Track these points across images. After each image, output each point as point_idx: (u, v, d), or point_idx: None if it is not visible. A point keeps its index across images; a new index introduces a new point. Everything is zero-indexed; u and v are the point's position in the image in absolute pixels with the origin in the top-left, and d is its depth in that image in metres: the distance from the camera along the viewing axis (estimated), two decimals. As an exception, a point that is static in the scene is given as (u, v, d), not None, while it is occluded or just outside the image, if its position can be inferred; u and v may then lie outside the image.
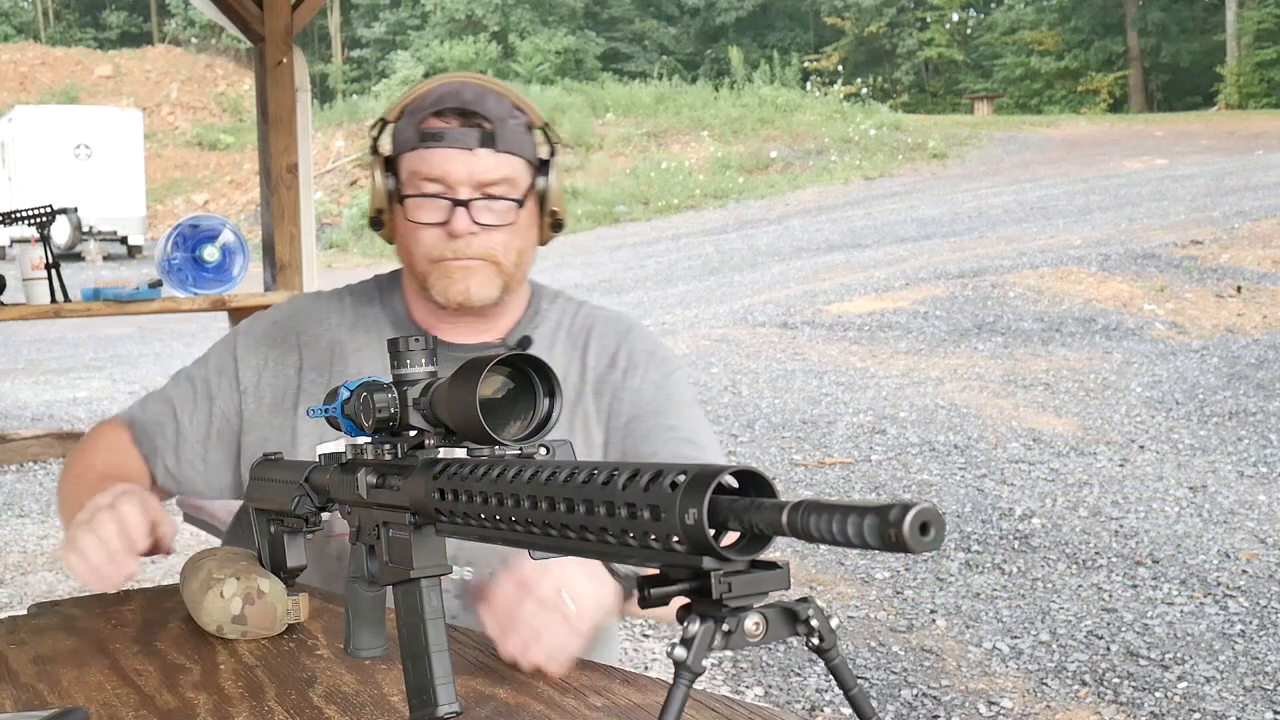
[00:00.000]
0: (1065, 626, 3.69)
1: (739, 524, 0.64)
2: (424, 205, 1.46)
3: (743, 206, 20.02)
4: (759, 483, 0.65)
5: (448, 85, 1.48)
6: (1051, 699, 3.19)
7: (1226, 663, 3.39)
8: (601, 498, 0.70)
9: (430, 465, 0.93)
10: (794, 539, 0.62)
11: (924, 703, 3.19)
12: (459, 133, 1.44)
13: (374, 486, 1.04)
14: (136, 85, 32.39)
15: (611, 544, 0.71)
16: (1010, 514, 4.81)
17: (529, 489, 0.76)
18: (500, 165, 1.45)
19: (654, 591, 0.69)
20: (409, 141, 1.46)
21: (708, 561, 0.65)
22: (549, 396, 0.89)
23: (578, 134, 24.82)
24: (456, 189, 1.44)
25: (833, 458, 5.74)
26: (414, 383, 0.98)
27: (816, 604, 0.69)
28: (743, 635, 0.66)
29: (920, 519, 0.56)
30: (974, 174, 20.11)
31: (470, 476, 0.84)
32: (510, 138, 1.46)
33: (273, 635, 1.28)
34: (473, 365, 0.88)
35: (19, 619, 1.40)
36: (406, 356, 0.99)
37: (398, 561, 1.02)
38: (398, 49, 38.35)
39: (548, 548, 0.78)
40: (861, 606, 3.86)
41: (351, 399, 1.04)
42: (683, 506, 0.64)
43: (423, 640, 1.00)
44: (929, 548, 0.56)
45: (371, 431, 1.02)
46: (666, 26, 40.71)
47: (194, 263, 4.90)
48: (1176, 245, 10.35)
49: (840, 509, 0.58)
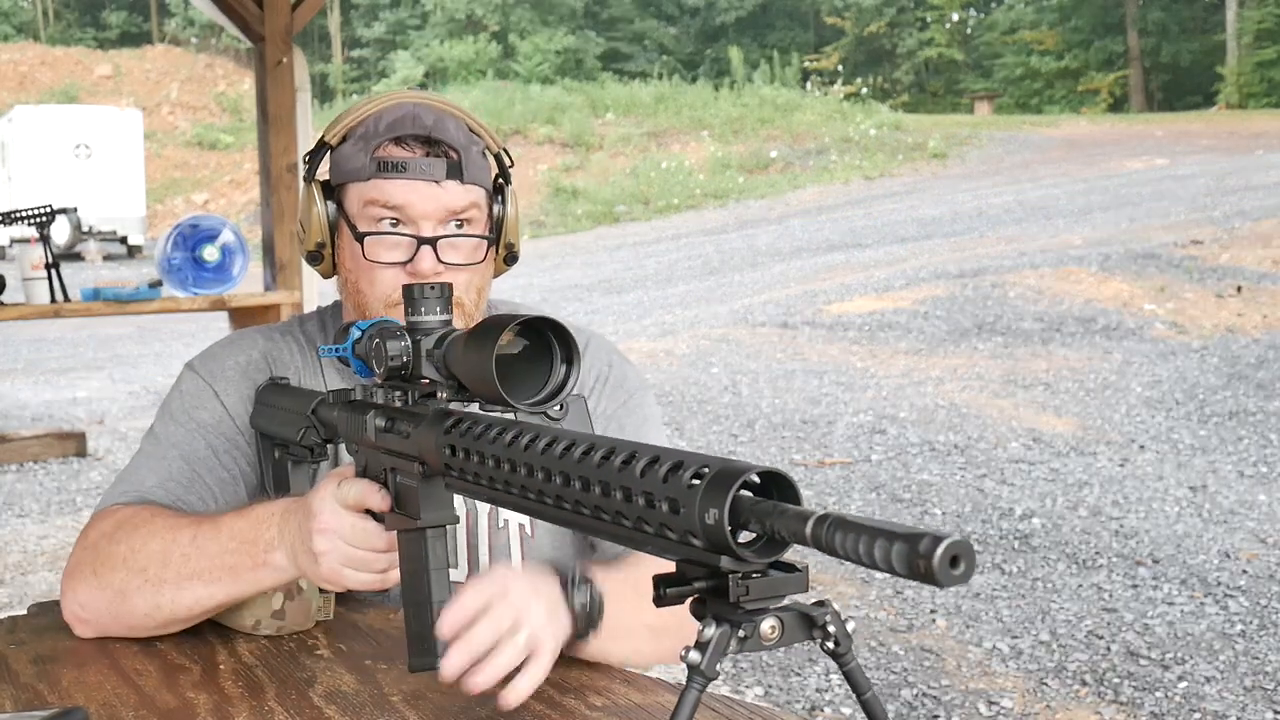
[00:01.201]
0: (1065, 626, 3.68)
1: (760, 527, 0.62)
2: (384, 242, 1.33)
3: (743, 206, 20.00)
4: (782, 484, 0.63)
5: (402, 108, 1.34)
6: (1051, 699, 3.19)
7: (1226, 663, 3.39)
8: (619, 482, 0.68)
9: (442, 418, 0.90)
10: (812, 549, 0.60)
11: (924, 703, 3.18)
12: (424, 163, 1.31)
13: (382, 430, 1.02)
14: (136, 85, 32.36)
15: (626, 528, 0.68)
16: (1010, 514, 4.81)
17: (544, 460, 0.74)
18: (468, 196, 1.34)
19: (670, 591, 0.67)
20: (362, 170, 1.33)
21: (726, 562, 0.63)
22: (566, 363, 0.87)
23: (578, 134, 24.81)
24: (419, 224, 1.32)
25: (833, 458, 5.74)
26: (428, 332, 0.96)
27: (833, 608, 0.67)
28: (758, 639, 0.64)
29: (951, 552, 0.54)
30: (974, 174, 20.10)
31: (483, 437, 0.82)
32: (474, 167, 1.34)
33: (298, 631, 1.28)
34: (491, 325, 0.85)
35: (19, 619, 1.40)
36: (421, 303, 0.96)
37: (405, 510, 1.01)
38: (398, 49, 38.33)
39: (560, 521, 0.76)
40: (862, 606, 3.86)
41: (363, 340, 1.01)
42: (703, 505, 0.62)
43: (425, 589, 1.00)
44: (957, 582, 0.54)
45: (383, 379, 1.00)
46: (666, 26, 40.68)
47: (194, 263, 4.90)
48: (1176, 245, 10.35)
49: (869, 530, 0.56)
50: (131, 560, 1.24)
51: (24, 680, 1.19)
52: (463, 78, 33.87)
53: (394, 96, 1.38)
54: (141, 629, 1.26)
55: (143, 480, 1.36)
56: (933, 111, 33.87)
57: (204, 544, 1.21)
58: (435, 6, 38.37)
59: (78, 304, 4.82)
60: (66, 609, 1.30)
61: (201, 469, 1.36)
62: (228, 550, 1.19)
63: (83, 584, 1.28)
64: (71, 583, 1.30)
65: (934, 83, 39.34)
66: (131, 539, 1.25)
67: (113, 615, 1.26)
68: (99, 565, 1.27)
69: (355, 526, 1.08)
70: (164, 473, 1.36)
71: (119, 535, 1.27)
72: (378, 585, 1.11)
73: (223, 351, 1.45)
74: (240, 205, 24.07)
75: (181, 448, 1.38)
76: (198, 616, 1.25)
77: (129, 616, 1.25)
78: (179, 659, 1.22)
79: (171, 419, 1.41)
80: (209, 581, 1.20)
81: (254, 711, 1.08)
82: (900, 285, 9.74)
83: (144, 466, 1.38)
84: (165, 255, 4.91)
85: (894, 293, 9.51)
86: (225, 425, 1.39)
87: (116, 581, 1.25)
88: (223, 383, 1.41)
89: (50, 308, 4.74)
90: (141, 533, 1.25)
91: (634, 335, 8.72)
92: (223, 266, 4.93)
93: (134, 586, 1.23)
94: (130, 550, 1.25)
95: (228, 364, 1.42)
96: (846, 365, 7.66)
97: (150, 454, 1.39)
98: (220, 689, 1.14)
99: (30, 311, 4.78)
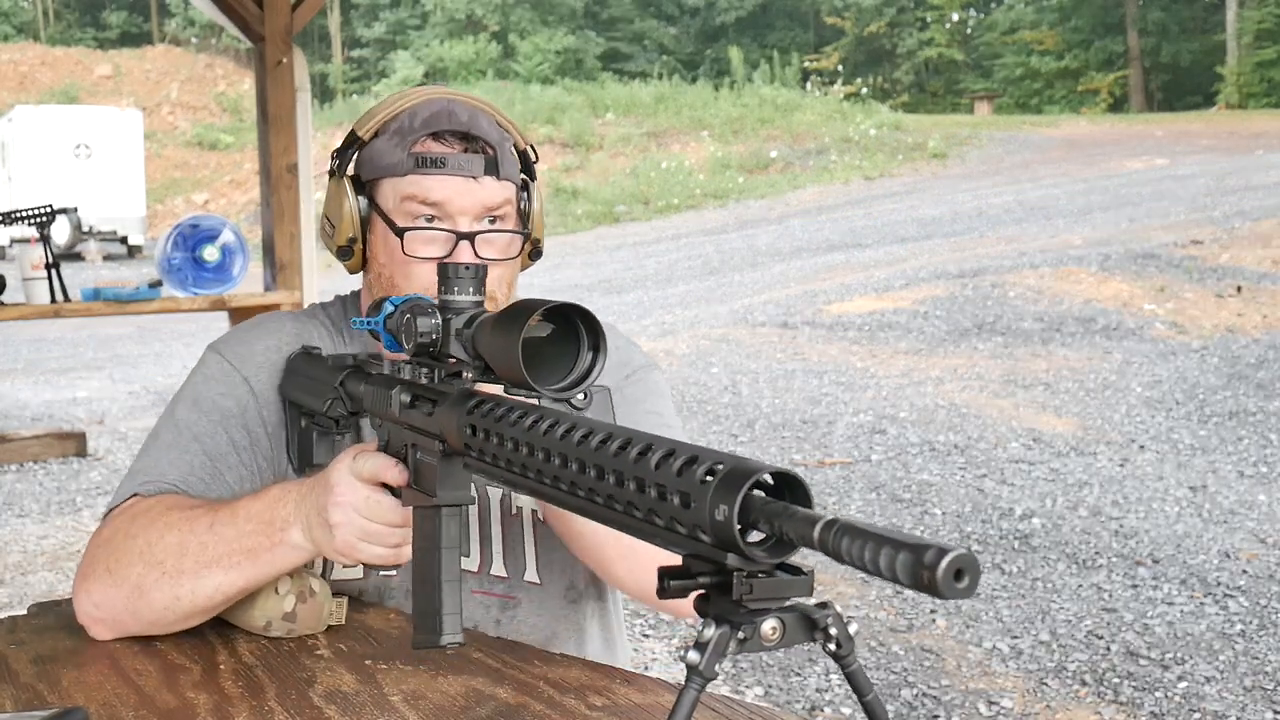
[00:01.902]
0: (1065, 626, 3.68)
1: (768, 528, 0.62)
2: (421, 237, 1.32)
3: (743, 206, 20.00)
4: (795, 486, 0.63)
5: (436, 103, 1.34)
6: (1051, 699, 3.19)
7: (1226, 663, 3.39)
8: (632, 473, 0.68)
9: (465, 398, 0.91)
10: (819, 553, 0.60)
11: (924, 703, 3.18)
12: (463, 159, 1.31)
13: (407, 406, 1.03)
14: (136, 85, 32.37)
15: (637, 519, 0.69)
16: (1010, 514, 4.81)
17: (561, 446, 0.75)
18: (504, 192, 1.34)
19: (674, 584, 0.67)
20: (398, 165, 1.32)
21: (732, 559, 0.63)
22: (593, 350, 0.87)
23: (578, 134, 24.81)
24: (457, 220, 1.32)
25: (833, 458, 5.74)
26: (460, 311, 0.96)
27: (835, 610, 0.67)
28: (759, 640, 0.64)
29: (956, 565, 0.53)
30: (974, 174, 20.10)
31: (504, 420, 0.83)
32: (508, 163, 1.35)
33: (301, 636, 1.27)
34: (520, 308, 0.86)
35: (19, 619, 1.39)
36: (455, 283, 0.96)
37: (422, 486, 1.02)
38: (398, 49, 38.33)
39: (573, 508, 0.77)
40: (861, 606, 3.86)
41: (395, 315, 1.02)
42: (714, 502, 0.62)
43: (436, 568, 1.00)
44: (961, 595, 0.54)
45: (411, 354, 1.00)
46: (666, 26, 40.68)
47: (194, 263, 4.90)
48: (1176, 245, 10.35)
49: (875, 538, 0.56)
50: (149, 553, 1.23)
51: (24, 680, 1.19)
52: (463, 78, 33.87)
53: (426, 92, 1.37)
54: (161, 624, 1.25)
55: (164, 473, 1.34)
56: (933, 111, 33.87)
57: (221, 530, 1.20)
58: (435, 6, 38.37)
59: (78, 304, 4.82)
60: (80, 610, 1.28)
61: (222, 465, 1.35)
62: (245, 533, 1.18)
63: (97, 583, 1.26)
64: (85, 583, 1.27)
65: (934, 83, 39.33)
66: (149, 532, 1.24)
67: (131, 612, 1.24)
68: (114, 562, 1.25)
69: (370, 500, 1.08)
70: (185, 466, 1.34)
71: (134, 530, 1.25)
72: (391, 560, 1.12)
73: (250, 335, 1.43)
74: (240, 205, 24.07)
75: (204, 441, 1.35)
76: (218, 606, 1.24)
77: (148, 611, 1.24)
78: (179, 659, 1.22)
79: (195, 405, 1.38)
80: (228, 567, 1.19)
81: (254, 711, 1.08)
82: (900, 285, 9.75)
83: (164, 457, 1.35)
84: (165, 255, 4.91)
85: (894, 293, 9.51)
86: (250, 415, 1.37)
87: (133, 576, 1.23)
88: (252, 367, 1.39)
89: (50, 308, 4.74)
90: (159, 525, 1.24)
91: (634, 335, 8.70)
92: (223, 266, 4.93)
93: (151, 580, 1.22)
94: (147, 544, 1.23)
95: (257, 348, 1.40)
96: (846, 365, 7.66)
97: (171, 443, 1.36)
98: (220, 689, 1.14)
99: (30, 311, 4.78)
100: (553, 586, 1.41)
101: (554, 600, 1.41)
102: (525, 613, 1.40)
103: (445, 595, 1.00)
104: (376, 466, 1.08)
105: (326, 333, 1.44)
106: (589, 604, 1.46)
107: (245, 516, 1.19)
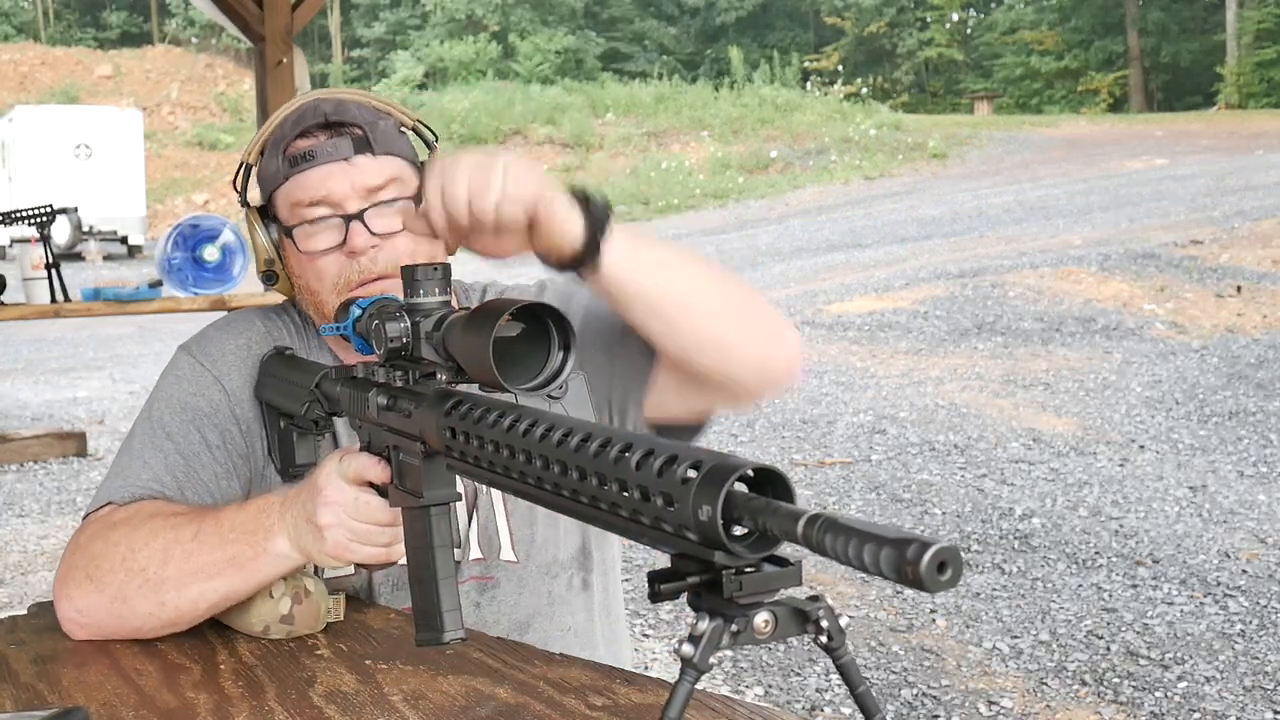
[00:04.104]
0: (1065, 626, 3.68)
1: (752, 524, 0.62)
2: (314, 232, 1.32)
3: (743, 206, 20.01)
4: (777, 482, 0.64)
5: (304, 105, 1.36)
6: (1051, 699, 3.19)
7: (1226, 663, 3.39)
8: (614, 474, 0.68)
9: (442, 399, 0.91)
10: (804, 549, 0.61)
11: (924, 703, 3.18)
12: (329, 145, 1.31)
13: (384, 408, 1.03)
14: (136, 85, 32.38)
15: (622, 519, 0.69)
16: (1010, 514, 4.81)
17: (541, 448, 0.75)
18: (383, 168, 1.33)
19: (664, 587, 0.67)
20: (278, 175, 1.34)
21: (720, 557, 0.64)
22: (563, 349, 0.88)
23: (578, 134, 24.83)
24: (343, 204, 1.31)
25: (833, 458, 5.74)
26: (428, 314, 0.96)
27: (827, 603, 0.67)
28: (751, 633, 0.65)
29: (939, 558, 0.54)
30: (974, 174, 20.11)
31: (482, 422, 0.83)
32: (384, 139, 1.34)
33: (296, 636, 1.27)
34: (489, 310, 0.86)
35: (19, 619, 1.39)
36: (421, 285, 0.96)
37: (408, 487, 1.02)
38: (398, 49, 38.35)
39: (557, 508, 0.77)
40: (861, 606, 3.86)
41: (363, 319, 1.02)
42: (696, 501, 0.62)
43: (430, 566, 1.01)
44: (944, 587, 0.54)
45: (383, 359, 1.00)
46: (666, 26, 40.70)
47: (194, 262, 4.90)
48: (1176, 245, 10.35)
49: (859, 533, 0.56)
50: (131, 560, 1.22)
51: (24, 680, 1.19)
52: (463, 78, 33.88)
53: (298, 99, 1.39)
54: (145, 630, 1.25)
55: (138, 474, 1.34)
56: (933, 111, 33.89)
57: (205, 538, 1.19)
58: (435, 6, 38.39)
59: (78, 304, 4.82)
60: (62, 615, 1.27)
61: (197, 464, 1.35)
62: (228, 542, 1.18)
63: (78, 589, 1.25)
64: (65, 589, 1.27)
65: (934, 83, 39.36)
66: (131, 539, 1.23)
67: (114, 618, 1.24)
68: (94, 569, 1.24)
69: (358, 500, 1.09)
70: (160, 466, 1.34)
71: (115, 536, 1.24)
72: (383, 559, 1.12)
73: (220, 334, 1.43)
74: (240, 205, 24.06)
75: (178, 440, 1.36)
76: (203, 614, 1.23)
77: (131, 618, 1.23)
78: (179, 659, 1.22)
79: (167, 406, 1.38)
80: (211, 576, 1.19)
81: (254, 711, 1.08)
82: (900, 285, 9.75)
83: (139, 460, 1.35)
84: (165, 255, 4.91)
85: (894, 293, 9.51)
86: (222, 414, 1.37)
87: (115, 583, 1.22)
88: (224, 366, 1.39)
89: (50, 308, 4.74)
90: (142, 532, 1.23)
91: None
92: (223, 266, 4.93)
93: (134, 587, 1.22)
94: (130, 550, 1.22)
95: (228, 347, 1.41)
96: (846, 365, 7.67)
97: (145, 445, 1.36)
98: (220, 689, 1.14)
99: (30, 311, 4.78)
100: (530, 564, 1.39)
101: (534, 577, 1.40)
102: (505, 592, 1.38)
103: (443, 592, 1.00)
104: (361, 466, 1.08)
105: (295, 329, 1.44)
106: (573, 579, 1.43)
107: (230, 525, 1.19)
